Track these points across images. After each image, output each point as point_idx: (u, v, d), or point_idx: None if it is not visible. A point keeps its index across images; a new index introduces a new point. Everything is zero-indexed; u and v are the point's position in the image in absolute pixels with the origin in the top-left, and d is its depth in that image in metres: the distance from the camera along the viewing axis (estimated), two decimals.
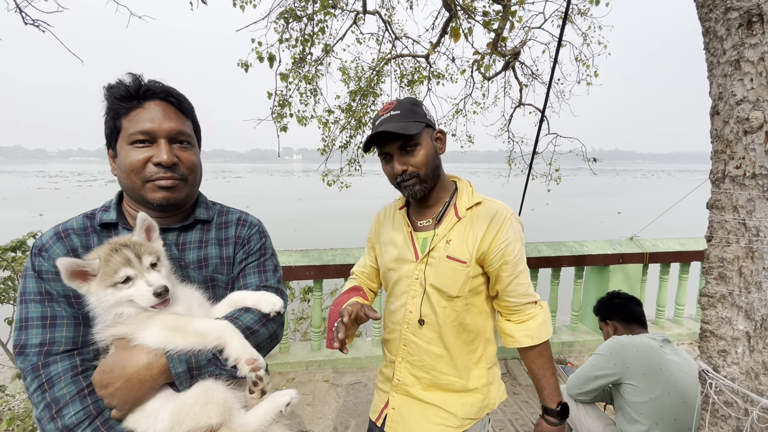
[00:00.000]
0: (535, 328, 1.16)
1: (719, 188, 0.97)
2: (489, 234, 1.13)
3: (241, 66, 4.40)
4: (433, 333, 1.19)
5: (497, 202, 1.20)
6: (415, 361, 1.22)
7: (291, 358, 3.09)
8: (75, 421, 0.73)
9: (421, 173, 1.12)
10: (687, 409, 1.53)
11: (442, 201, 1.22)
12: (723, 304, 0.97)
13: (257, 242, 1.05)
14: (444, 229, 1.17)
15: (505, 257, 1.12)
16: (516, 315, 1.18)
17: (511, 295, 1.16)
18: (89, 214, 0.94)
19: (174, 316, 0.80)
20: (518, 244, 1.15)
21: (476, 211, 1.17)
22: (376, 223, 1.40)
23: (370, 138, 1.12)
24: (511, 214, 1.16)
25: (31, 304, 0.81)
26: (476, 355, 1.22)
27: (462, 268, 1.13)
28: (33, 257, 0.85)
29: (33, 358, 0.77)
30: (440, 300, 1.16)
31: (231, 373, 0.79)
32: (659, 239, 3.55)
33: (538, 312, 1.18)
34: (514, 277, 1.14)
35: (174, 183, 0.90)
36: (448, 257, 1.14)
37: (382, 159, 1.17)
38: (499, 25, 4.13)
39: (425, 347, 1.19)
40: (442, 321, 1.17)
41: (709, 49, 0.97)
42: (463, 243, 1.14)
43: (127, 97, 0.87)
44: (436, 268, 1.15)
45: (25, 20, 2.32)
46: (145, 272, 0.78)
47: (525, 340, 1.17)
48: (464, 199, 1.20)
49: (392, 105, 1.14)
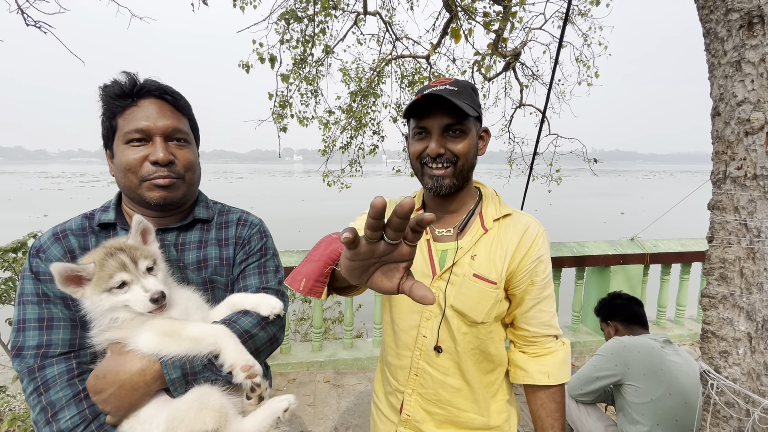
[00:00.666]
0: (554, 366, 1.00)
1: (720, 189, 0.97)
2: (520, 251, 0.98)
3: (242, 67, 4.41)
4: (451, 362, 1.02)
5: (526, 214, 1.06)
6: (428, 395, 1.04)
7: (292, 358, 3.09)
8: (70, 425, 0.73)
9: (459, 164, 0.96)
10: (688, 409, 1.53)
11: (466, 208, 1.06)
12: (724, 305, 0.97)
13: (258, 242, 1.03)
14: (469, 241, 1.00)
15: (533, 277, 0.99)
16: (533, 347, 1.03)
17: (530, 323, 1.01)
18: (88, 214, 0.93)
19: (168, 320, 0.78)
20: (548, 266, 1.01)
21: (504, 223, 1.02)
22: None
23: (416, 100, 0.92)
24: (543, 231, 1.02)
25: (28, 306, 0.81)
26: (495, 387, 1.07)
27: (491, 290, 0.97)
28: (31, 258, 0.84)
29: (30, 360, 0.77)
30: (461, 325, 1.00)
31: (227, 379, 0.78)
32: (660, 240, 3.55)
33: (560, 348, 1.03)
34: (537, 302, 1.00)
35: (171, 181, 0.88)
36: (474, 276, 0.97)
37: (415, 134, 0.99)
38: (500, 25, 4.14)
39: (441, 379, 1.02)
40: (462, 349, 1.00)
41: (710, 50, 0.98)
42: (491, 260, 0.98)
43: (122, 96, 0.86)
44: (460, 288, 0.98)
45: (26, 21, 2.33)
46: (141, 277, 0.77)
47: (540, 377, 1.00)
48: (491, 208, 1.05)
49: (448, 80, 0.97)
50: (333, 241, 0.81)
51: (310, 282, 0.76)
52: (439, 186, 0.96)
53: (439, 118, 0.93)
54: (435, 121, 0.94)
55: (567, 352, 1.03)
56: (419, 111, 0.95)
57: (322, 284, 0.78)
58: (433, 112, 0.93)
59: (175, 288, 0.86)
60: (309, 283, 0.76)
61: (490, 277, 0.97)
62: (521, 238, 0.99)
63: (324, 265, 0.76)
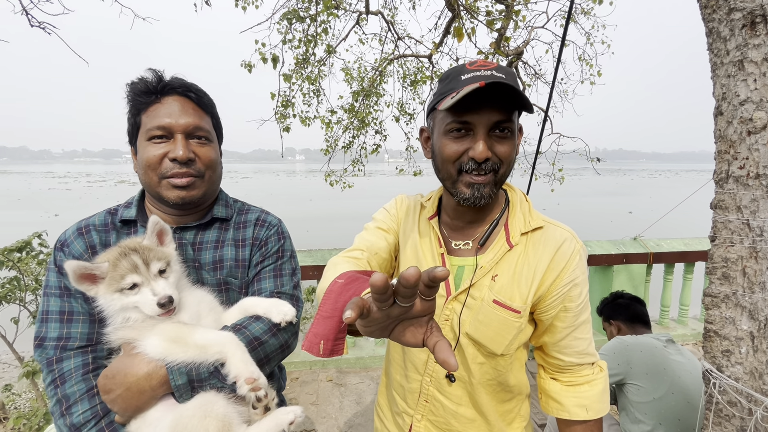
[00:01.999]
0: (593, 398, 0.88)
1: (723, 188, 0.97)
2: (551, 273, 0.84)
3: (245, 67, 4.42)
4: (464, 392, 0.92)
5: (562, 226, 0.90)
6: (438, 423, 0.95)
7: (295, 357, 3.10)
8: (82, 420, 0.75)
9: (501, 170, 0.80)
10: (691, 409, 1.53)
11: (491, 217, 0.91)
12: (727, 304, 0.97)
13: (275, 244, 1.01)
14: (490, 259, 0.86)
15: (565, 303, 0.85)
16: (566, 375, 0.91)
17: (564, 352, 0.89)
18: (112, 210, 0.94)
19: (177, 325, 0.78)
20: (585, 288, 0.87)
21: (534, 237, 0.87)
22: (402, 211, 1.03)
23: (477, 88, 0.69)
24: (581, 247, 0.87)
25: (51, 298, 0.83)
26: (512, 415, 0.97)
27: (513, 320, 0.84)
28: (56, 252, 0.87)
29: (50, 351, 0.79)
30: (477, 355, 0.88)
31: (233, 388, 0.77)
32: (663, 239, 3.54)
33: (598, 377, 0.90)
34: (572, 329, 0.87)
35: (190, 180, 0.89)
36: (495, 302, 0.84)
37: (451, 131, 0.79)
38: (502, 24, 4.13)
39: (453, 409, 0.92)
40: (477, 380, 0.90)
41: (712, 49, 0.98)
42: (515, 282, 0.84)
43: (147, 93, 0.87)
44: (477, 313, 0.86)
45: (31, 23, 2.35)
46: (151, 280, 0.77)
47: (578, 412, 0.88)
48: (519, 218, 0.89)
49: (492, 65, 0.77)
50: (342, 290, 0.68)
51: (329, 343, 0.66)
52: (479, 196, 0.80)
53: (488, 113, 0.75)
54: (483, 116, 0.75)
55: (605, 381, 0.91)
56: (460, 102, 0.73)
57: (341, 341, 0.68)
58: (482, 104, 0.74)
59: (188, 289, 0.85)
60: (328, 344, 0.66)
61: (513, 304, 0.84)
62: (553, 257, 0.84)
63: (339, 321, 0.66)
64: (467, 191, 0.81)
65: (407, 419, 0.99)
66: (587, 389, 0.89)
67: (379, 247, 0.95)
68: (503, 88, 0.71)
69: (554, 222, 0.91)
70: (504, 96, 0.74)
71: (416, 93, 5.73)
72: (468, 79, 0.76)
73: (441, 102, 0.78)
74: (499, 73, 0.76)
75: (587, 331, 0.89)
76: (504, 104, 0.76)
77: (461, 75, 0.78)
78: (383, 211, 1.05)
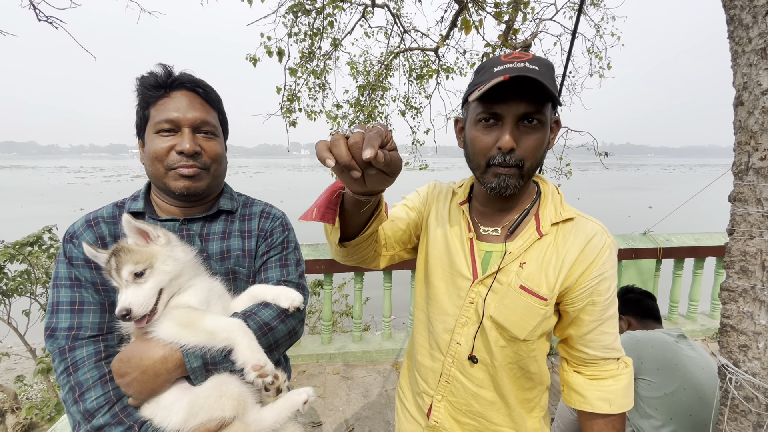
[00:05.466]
0: (617, 393, 0.89)
1: (742, 180, 0.95)
2: (580, 264, 0.85)
3: (250, 60, 4.41)
4: (486, 375, 0.93)
5: (593, 220, 0.91)
6: (459, 404, 0.97)
7: (302, 350, 3.12)
8: (96, 405, 0.76)
9: (527, 164, 0.82)
10: (703, 404, 1.52)
11: (521, 206, 0.93)
12: (744, 298, 0.95)
13: (280, 235, 1.04)
14: (519, 246, 0.88)
15: (593, 296, 0.86)
16: (590, 368, 0.92)
17: (590, 346, 0.89)
18: (119, 203, 0.97)
19: (188, 310, 0.79)
20: (614, 283, 0.88)
21: (564, 229, 0.88)
22: (434, 194, 1.06)
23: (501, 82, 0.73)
24: (612, 242, 0.88)
25: (61, 289, 0.84)
26: (532, 404, 0.98)
27: (539, 306, 0.86)
28: (65, 243, 0.88)
29: (61, 341, 0.80)
30: (499, 338, 0.90)
31: None
32: (673, 234, 3.50)
33: (623, 372, 0.90)
34: (599, 323, 0.87)
35: (196, 172, 0.91)
36: (521, 288, 0.86)
37: (480, 120, 0.83)
38: (510, 16, 4.07)
39: (474, 390, 0.94)
40: (499, 363, 0.91)
41: (733, 37, 0.95)
42: (543, 271, 0.86)
43: (156, 87, 0.89)
44: (503, 298, 0.87)
45: (38, 17, 2.35)
46: (124, 285, 0.74)
47: (600, 405, 0.89)
48: (550, 209, 0.90)
49: (527, 56, 0.80)
50: (333, 185, 0.76)
51: (321, 209, 0.73)
52: (505, 186, 0.83)
53: (516, 104, 0.78)
54: (511, 107, 0.78)
55: (630, 375, 0.91)
56: (490, 92, 0.76)
57: (332, 211, 0.75)
58: (511, 95, 0.77)
59: (200, 277, 0.86)
60: (320, 210, 0.73)
61: (539, 291, 0.85)
62: (583, 249, 0.85)
63: (331, 192, 0.74)
64: (494, 181, 0.83)
65: (427, 399, 1.01)
66: (611, 384, 0.89)
67: (398, 216, 1.01)
68: (529, 81, 0.73)
69: (586, 216, 0.92)
70: (532, 88, 0.76)
71: (422, 87, 5.68)
72: (499, 71, 0.78)
73: (472, 93, 0.81)
74: (533, 65, 0.77)
75: (614, 326, 0.89)
76: (532, 96, 0.77)
77: (494, 67, 0.80)
78: (414, 192, 1.09)
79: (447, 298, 0.95)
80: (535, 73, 0.75)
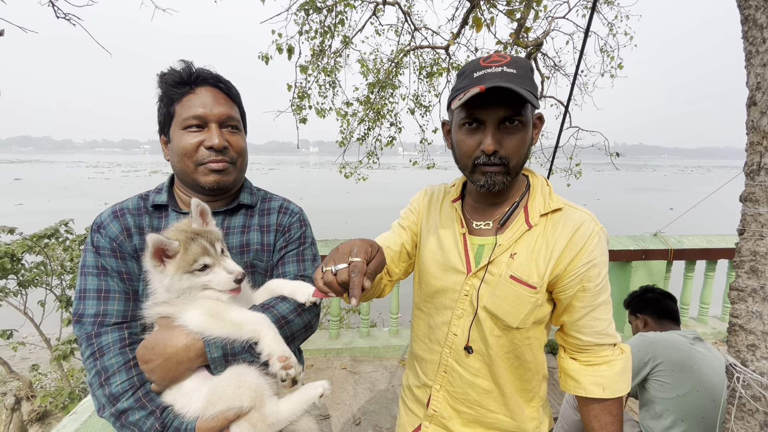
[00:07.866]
0: (611, 378, 0.90)
1: (754, 180, 0.95)
2: (569, 252, 0.88)
3: (262, 58, 4.45)
4: (482, 364, 0.96)
5: (581, 209, 0.94)
6: (456, 393, 1.00)
7: (310, 345, 3.16)
8: (120, 390, 0.79)
9: (512, 163, 0.87)
10: (716, 407, 1.50)
11: (511, 200, 0.97)
12: (754, 298, 0.95)
13: (297, 230, 1.05)
14: (509, 238, 0.92)
15: (583, 283, 0.88)
16: (585, 355, 0.94)
17: (583, 332, 0.92)
18: (144, 195, 0.99)
19: (216, 302, 0.81)
20: (604, 269, 0.90)
21: (553, 219, 0.92)
22: (425, 203, 1.11)
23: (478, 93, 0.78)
24: (600, 229, 0.90)
25: (89, 277, 0.87)
26: (531, 394, 1.00)
27: (529, 295, 0.89)
28: (92, 233, 0.91)
29: (88, 327, 0.83)
30: (493, 328, 0.93)
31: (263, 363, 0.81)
32: (685, 236, 3.46)
33: (618, 357, 0.92)
34: (591, 309, 0.90)
35: (225, 166, 0.94)
36: (512, 277, 0.89)
37: (464, 124, 0.88)
38: (522, 14, 4.05)
39: (470, 380, 0.97)
40: (494, 352, 0.94)
41: (747, 37, 0.95)
42: (533, 260, 0.89)
43: (180, 83, 0.91)
44: (495, 288, 0.91)
45: (57, 14, 2.40)
46: (220, 259, 0.81)
47: (594, 390, 0.91)
48: (538, 201, 0.94)
49: (504, 59, 0.84)
50: None
51: None
52: (493, 183, 0.88)
53: (496, 109, 0.83)
54: (491, 112, 0.83)
55: (626, 362, 0.93)
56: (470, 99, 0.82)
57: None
58: (490, 101, 0.82)
59: None
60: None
61: (529, 280, 0.88)
62: (571, 237, 0.88)
63: None
64: (482, 179, 0.89)
65: (426, 391, 1.06)
66: (605, 369, 0.92)
67: (392, 242, 1.06)
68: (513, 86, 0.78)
69: (574, 205, 0.95)
70: (509, 93, 0.80)
71: (432, 85, 5.67)
72: (478, 77, 0.84)
73: (454, 101, 0.86)
74: (511, 68, 0.83)
75: (606, 312, 0.92)
76: (510, 102, 0.82)
77: (474, 72, 0.85)
78: (407, 207, 1.16)
79: (443, 293, 0.99)
80: (512, 77, 0.81)
